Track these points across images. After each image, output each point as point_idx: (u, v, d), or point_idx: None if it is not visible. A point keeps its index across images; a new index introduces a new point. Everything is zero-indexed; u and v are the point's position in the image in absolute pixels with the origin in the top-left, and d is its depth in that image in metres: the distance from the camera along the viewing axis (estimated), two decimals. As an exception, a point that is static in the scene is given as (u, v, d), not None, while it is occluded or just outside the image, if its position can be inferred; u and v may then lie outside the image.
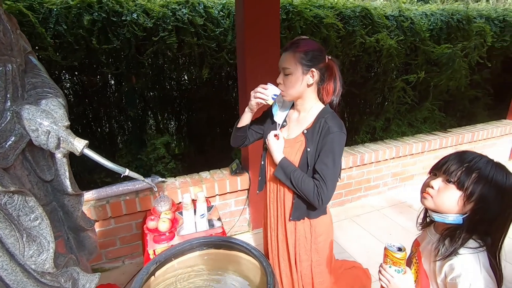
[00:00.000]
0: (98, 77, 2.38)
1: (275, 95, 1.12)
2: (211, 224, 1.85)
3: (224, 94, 2.88)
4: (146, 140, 2.74)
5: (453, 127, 3.58)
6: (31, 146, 0.81)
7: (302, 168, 1.12)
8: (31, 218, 0.78)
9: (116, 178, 2.51)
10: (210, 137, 2.97)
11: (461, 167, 0.73)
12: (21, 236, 0.75)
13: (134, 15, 2.27)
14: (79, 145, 0.80)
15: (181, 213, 1.85)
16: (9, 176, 0.71)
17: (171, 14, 2.38)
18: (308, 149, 1.10)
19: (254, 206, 2.32)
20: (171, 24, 2.34)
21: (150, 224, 1.68)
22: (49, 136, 0.76)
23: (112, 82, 2.54)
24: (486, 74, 3.80)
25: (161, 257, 1.38)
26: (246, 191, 2.29)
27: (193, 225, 1.77)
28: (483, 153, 0.77)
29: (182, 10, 2.42)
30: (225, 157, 2.82)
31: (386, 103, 3.40)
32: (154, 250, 1.63)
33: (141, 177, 0.93)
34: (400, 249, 0.79)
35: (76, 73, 2.37)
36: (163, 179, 2.10)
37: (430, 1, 4.80)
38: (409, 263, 0.82)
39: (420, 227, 0.91)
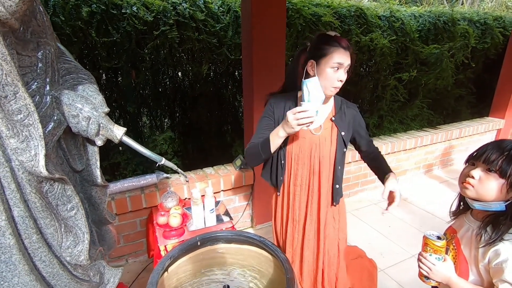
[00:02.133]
0: (100, 71, 2.30)
1: (317, 111, 1.01)
2: (219, 219, 1.84)
3: (222, 90, 2.87)
4: (144, 136, 2.68)
5: (439, 124, 3.75)
6: (65, 134, 0.78)
7: (339, 149, 1.25)
8: (68, 208, 0.75)
9: (115, 176, 2.45)
10: (209, 133, 2.95)
11: (502, 156, 0.74)
12: (60, 226, 0.72)
13: (134, 8, 2.22)
14: (119, 132, 0.77)
15: (188, 208, 1.82)
16: (51, 163, 0.68)
17: (171, 8, 2.34)
18: (343, 133, 1.24)
19: (258, 202, 2.33)
20: (172, 18, 2.30)
21: (161, 219, 1.65)
22: (90, 122, 0.73)
23: (105, 76, 2.46)
24: (470, 73, 4.00)
25: (174, 252, 1.36)
26: (251, 186, 2.30)
27: (202, 220, 1.75)
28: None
29: (182, 4, 2.39)
30: (225, 153, 2.81)
31: (379, 101, 3.51)
32: (165, 246, 1.60)
33: (175, 166, 0.92)
34: (439, 238, 0.82)
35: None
36: (168, 175, 2.06)
37: (417, 3, 4.99)
38: (446, 250, 0.85)
39: (453, 215, 0.95)
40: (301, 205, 1.35)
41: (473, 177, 0.80)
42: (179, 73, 2.76)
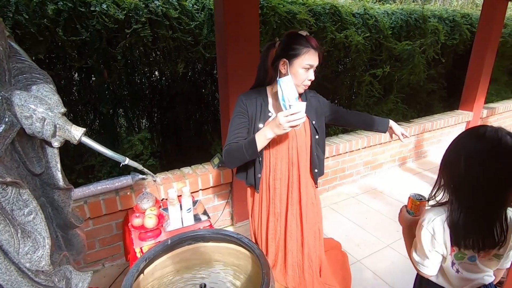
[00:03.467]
0: (72, 71, 2.22)
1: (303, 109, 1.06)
2: (197, 218, 1.83)
3: (201, 89, 2.85)
4: (120, 137, 2.62)
5: (414, 118, 3.89)
6: (20, 136, 0.75)
7: (313, 137, 1.33)
8: (25, 213, 0.73)
9: (89, 179, 2.38)
10: (188, 133, 2.92)
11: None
12: (16, 231, 0.70)
13: (104, 6, 2.15)
14: (77, 132, 0.75)
15: (165, 209, 1.80)
16: (3, 167, 0.65)
17: (143, 5, 2.29)
18: (314, 122, 1.33)
19: (237, 200, 2.34)
20: (144, 16, 2.25)
21: (136, 221, 1.62)
22: (45, 123, 0.71)
23: (77, 76, 2.38)
24: (441, 69, 4.17)
25: (150, 254, 1.34)
26: (229, 184, 2.30)
27: (179, 220, 1.74)
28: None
29: (155, 2, 2.35)
30: (204, 153, 2.79)
31: (355, 97, 3.59)
32: (141, 248, 1.58)
33: (140, 166, 0.91)
34: (419, 199, 1.02)
35: (43, 66, 2.19)
36: (143, 176, 2.03)
37: (390, 1, 5.13)
38: (418, 208, 1.02)
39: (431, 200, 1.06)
40: (281, 197, 1.39)
41: None
42: (156, 72, 2.71)
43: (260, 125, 1.27)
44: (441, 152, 0.89)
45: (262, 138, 1.16)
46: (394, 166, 3.45)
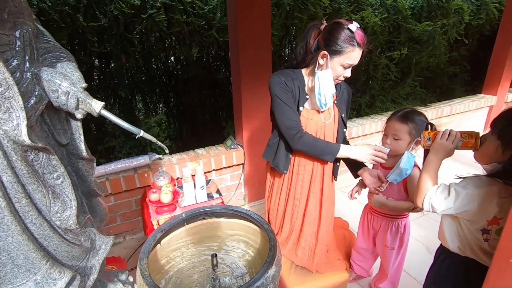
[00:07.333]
0: (93, 57, 2.33)
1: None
2: (210, 196, 1.93)
3: (215, 74, 2.90)
4: (138, 121, 2.74)
5: (433, 102, 3.77)
6: (48, 109, 0.84)
7: (340, 129, 1.34)
8: (54, 177, 0.82)
9: (110, 159, 2.52)
10: (203, 117, 3.00)
11: None
12: (47, 192, 0.80)
13: (120, -8, 2.22)
14: (97, 106, 0.83)
15: (180, 187, 1.91)
16: (35, 135, 0.74)
17: (158, -10, 2.34)
18: (343, 115, 1.33)
19: (249, 180, 2.41)
20: (159, 1, 2.31)
21: (152, 196, 1.73)
22: (69, 96, 0.79)
23: (97, 62, 2.49)
24: (463, 51, 3.98)
25: (166, 226, 1.44)
26: (241, 165, 2.37)
27: (193, 196, 1.84)
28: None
29: (169, -14, 2.39)
30: (218, 136, 2.87)
31: (371, 81, 3.52)
32: (158, 221, 1.69)
33: (154, 139, 0.99)
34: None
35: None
36: (160, 156, 2.14)
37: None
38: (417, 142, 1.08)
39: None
40: (303, 184, 1.42)
41: None
42: (172, 58, 2.78)
43: (301, 108, 1.26)
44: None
45: (345, 153, 1.24)
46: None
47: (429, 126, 1.23)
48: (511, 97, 4.02)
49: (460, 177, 0.95)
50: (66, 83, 0.78)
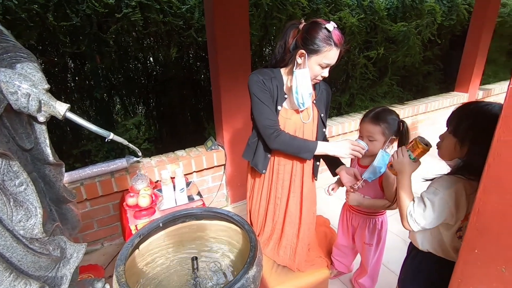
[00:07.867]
0: (67, 58, 2.23)
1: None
2: (190, 198, 1.90)
3: (195, 75, 2.86)
4: (116, 123, 2.66)
5: (409, 101, 3.89)
6: (8, 112, 0.79)
7: (320, 129, 1.34)
8: (16, 184, 0.78)
9: (85, 163, 2.43)
10: (183, 118, 2.95)
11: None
12: (8, 200, 0.75)
13: (93, -10, 2.15)
14: (62, 108, 0.79)
15: (159, 190, 1.86)
16: (-9, 139, 0.70)
17: (133, -11, 2.28)
18: (322, 115, 1.32)
19: (231, 181, 2.40)
20: (134, 0, 2.25)
21: (130, 200, 1.68)
22: (30, 99, 0.75)
23: (71, 63, 2.40)
24: (437, 50, 4.14)
25: (144, 230, 1.40)
26: (223, 166, 2.35)
27: (173, 199, 1.80)
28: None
29: (145, -15, 2.33)
30: (198, 138, 2.83)
31: (350, 80, 3.59)
32: (136, 226, 1.65)
33: (125, 141, 0.95)
34: (426, 144, 0.95)
35: (36, 53, 2.22)
36: (138, 159, 2.08)
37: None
38: (420, 154, 0.97)
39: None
40: (284, 184, 1.41)
41: None
42: (150, 58, 2.72)
43: (279, 107, 1.25)
44: (436, 134, 0.91)
45: (323, 150, 1.23)
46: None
47: (401, 124, 1.25)
48: (481, 94, 4.22)
49: (427, 179, 0.97)
50: (26, 85, 0.74)
